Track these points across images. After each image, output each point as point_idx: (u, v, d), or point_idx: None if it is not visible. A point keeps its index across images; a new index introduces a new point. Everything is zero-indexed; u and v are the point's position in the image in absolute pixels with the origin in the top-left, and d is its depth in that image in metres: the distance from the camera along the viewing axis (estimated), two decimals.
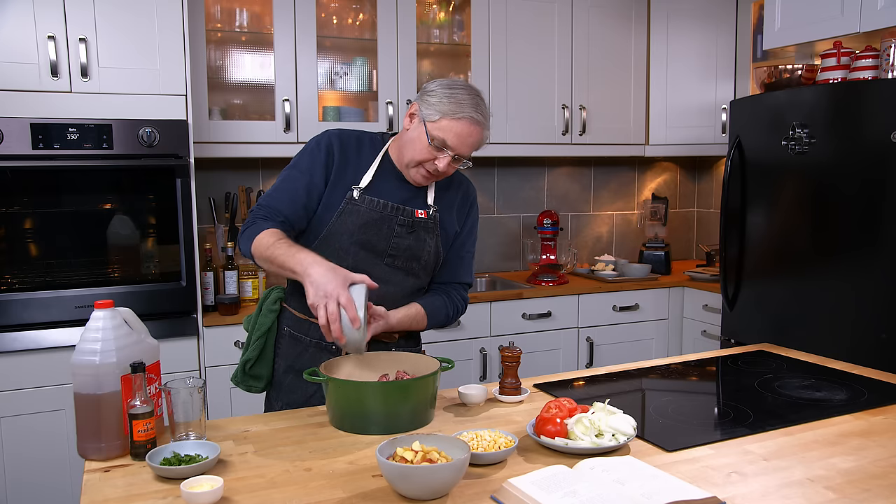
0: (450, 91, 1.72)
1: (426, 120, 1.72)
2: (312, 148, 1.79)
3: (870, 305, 2.50)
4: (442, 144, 1.72)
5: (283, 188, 1.76)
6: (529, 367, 3.14)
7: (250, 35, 3.15)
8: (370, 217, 1.77)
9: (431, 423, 1.61)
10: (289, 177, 1.78)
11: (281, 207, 1.74)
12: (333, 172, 1.77)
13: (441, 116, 1.70)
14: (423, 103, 1.73)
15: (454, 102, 1.71)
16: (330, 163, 1.77)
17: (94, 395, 1.42)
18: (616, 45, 3.68)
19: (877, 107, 2.46)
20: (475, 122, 1.74)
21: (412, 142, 1.74)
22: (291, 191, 1.75)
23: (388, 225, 1.79)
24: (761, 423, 1.59)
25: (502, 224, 3.92)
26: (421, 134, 1.72)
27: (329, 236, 1.77)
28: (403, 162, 1.78)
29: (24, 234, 2.53)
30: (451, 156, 1.73)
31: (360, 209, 1.76)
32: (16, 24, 2.45)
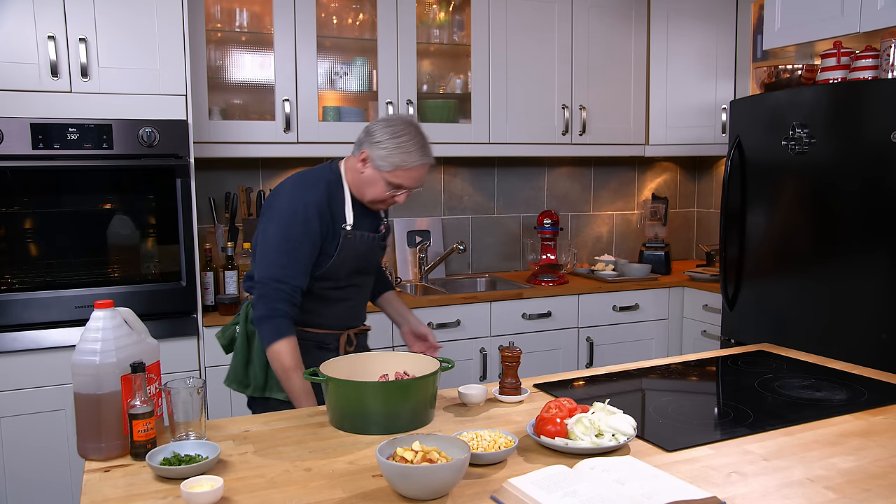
0: (397, 142, 1.87)
1: (380, 170, 1.89)
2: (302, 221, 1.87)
3: (870, 305, 2.50)
4: (398, 187, 1.92)
5: (292, 263, 1.86)
6: (529, 367, 3.14)
7: (250, 35, 3.15)
8: (362, 249, 2.00)
9: (431, 423, 1.61)
10: (293, 250, 1.87)
11: (298, 283, 1.87)
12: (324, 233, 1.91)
13: (394, 168, 1.88)
14: (374, 154, 1.88)
15: (403, 152, 1.87)
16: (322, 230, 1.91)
17: (94, 395, 1.42)
18: (616, 45, 3.68)
19: (877, 107, 2.46)
20: (424, 163, 1.92)
21: (371, 184, 1.92)
22: (303, 264, 1.88)
23: (373, 250, 2.05)
24: (761, 423, 1.59)
25: (502, 224, 3.92)
26: (378, 180, 1.91)
27: (329, 271, 1.95)
28: (365, 199, 1.96)
29: (24, 234, 2.53)
30: (408, 191, 1.95)
31: (354, 244, 1.97)
32: (16, 24, 2.45)
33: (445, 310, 3.15)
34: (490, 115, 3.44)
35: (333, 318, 2.03)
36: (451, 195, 3.79)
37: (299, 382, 1.82)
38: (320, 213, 1.89)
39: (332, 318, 2.02)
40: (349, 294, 2.05)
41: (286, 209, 1.88)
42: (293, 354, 1.83)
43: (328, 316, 2.02)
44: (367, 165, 1.90)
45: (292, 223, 1.87)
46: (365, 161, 1.90)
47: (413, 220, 3.70)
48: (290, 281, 1.85)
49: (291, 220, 1.87)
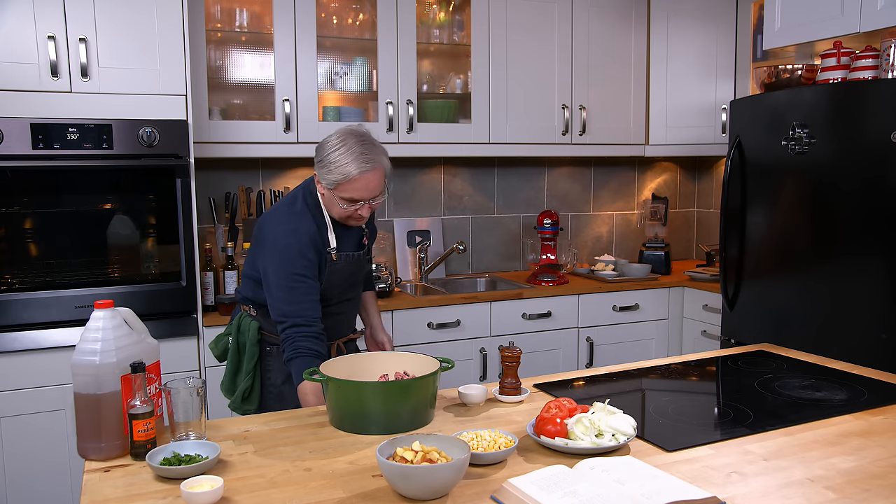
0: (334, 156, 1.86)
1: (329, 189, 1.89)
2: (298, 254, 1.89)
3: (870, 305, 2.50)
4: (352, 201, 1.89)
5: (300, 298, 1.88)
6: (529, 367, 3.14)
7: (250, 35, 3.15)
8: (348, 269, 2.03)
9: (431, 423, 1.61)
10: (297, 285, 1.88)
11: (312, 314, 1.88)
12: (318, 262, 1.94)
13: (337, 185, 1.87)
14: (320, 174, 1.90)
15: (339, 166, 1.85)
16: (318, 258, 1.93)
17: (94, 395, 1.42)
18: (616, 45, 3.68)
19: (877, 107, 2.46)
20: (365, 171, 1.86)
21: (331, 204, 1.94)
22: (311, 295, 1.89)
23: (358, 267, 2.08)
24: (761, 423, 1.60)
25: (502, 224, 3.92)
26: (332, 199, 1.91)
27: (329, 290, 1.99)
28: (336, 218, 1.97)
29: (24, 234, 2.53)
30: (367, 203, 1.91)
31: (340, 266, 2.00)
32: (16, 24, 2.44)
33: (445, 310, 3.15)
34: (490, 115, 3.44)
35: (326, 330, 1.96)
36: (451, 195, 3.79)
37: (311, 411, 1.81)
38: (313, 242, 1.91)
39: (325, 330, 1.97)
40: (342, 308, 2.11)
41: (280, 244, 1.89)
42: (318, 396, 1.81)
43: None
44: (321, 187, 1.92)
45: (291, 259, 1.87)
46: (319, 183, 1.93)
47: (413, 220, 3.70)
48: (303, 315, 1.86)
49: (289, 256, 1.88)
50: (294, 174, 3.44)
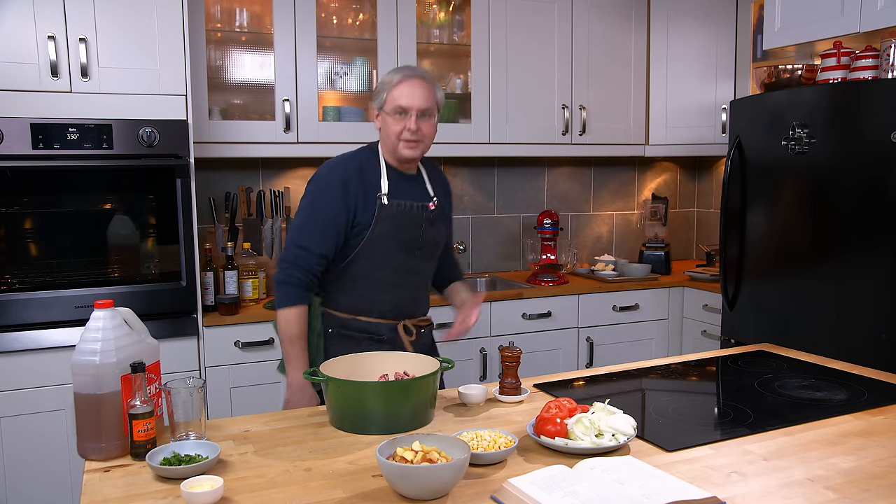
0: (382, 79, 2.00)
1: (381, 107, 1.98)
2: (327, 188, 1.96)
3: (870, 305, 2.50)
4: (400, 110, 1.94)
5: (313, 228, 1.94)
6: (529, 367, 3.13)
7: (250, 35, 3.15)
8: (402, 218, 1.99)
9: (431, 423, 1.61)
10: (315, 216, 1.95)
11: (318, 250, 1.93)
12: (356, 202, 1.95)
13: (386, 94, 1.96)
14: (376, 102, 2.02)
15: (387, 80, 1.97)
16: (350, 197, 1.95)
17: (94, 395, 1.42)
18: (616, 45, 3.68)
19: (877, 107, 2.46)
20: (410, 76, 1.96)
21: (386, 127, 1.98)
22: (324, 230, 1.94)
23: (416, 222, 2.01)
24: (761, 423, 1.59)
25: (502, 224, 3.92)
26: (385, 118, 1.97)
27: (369, 244, 1.96)
28: (390, 149, 2.00)
29: (24, 234, 2.53)
30: (415, 114, 1.94)
31: (392, 213, 1.97)
32: (16, 24, 2.44)
33: (446, 310, 3.14)
34: (490, 115, 3.44)
35: (385, 305, 2.01)
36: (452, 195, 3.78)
37: (296, 351, 1.92)
38: (345, 181, 1.94)
39: (384, 305, 2.01)
40: (399, 279, 2.02)
41: (315, 182, 1.98)
42: (300, 324, 1.91)
43: (379, 303, 2.01)
44: (378, 116, 2.01)
45: (318, 193, 1.96)
46: (377, 116, 2.02)
47: None
48: (309, 246, 1.92)
49: (317, 191, 1.96)
50: (294, 174, 3.44)
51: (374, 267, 1.98)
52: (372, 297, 2.01)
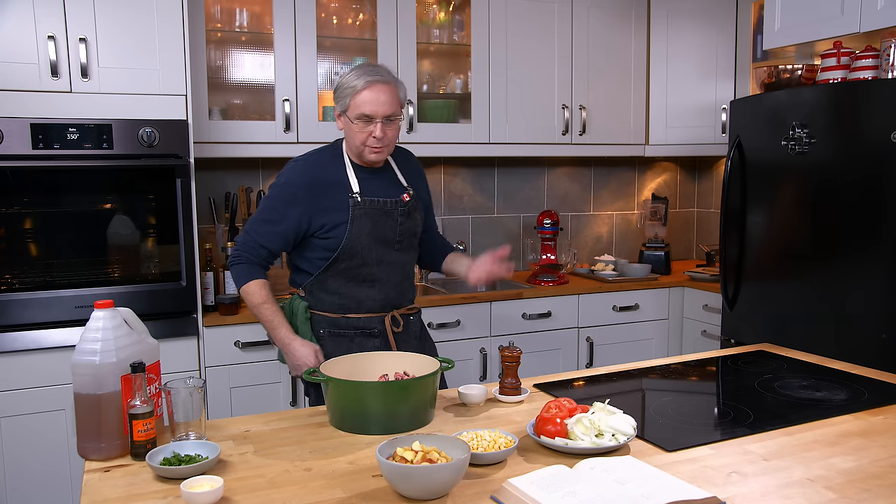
0: (344, 80, 1.97)
1: (345, 112, 1.97)
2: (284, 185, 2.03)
3: (870, 305, 2.50)
4: (364, 118, 1.94)
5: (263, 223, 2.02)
6: (529, 367, 3.13)
7: (250, 35, 3.15)
8: (377, 215, 2.02)
9: (431, 423, 1.61)
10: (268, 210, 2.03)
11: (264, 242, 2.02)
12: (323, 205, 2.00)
13: (350, 100, 1.94)
14: (337, 104, 2.00)
15: (349, 84, 1.94)
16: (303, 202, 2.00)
17: (94, 395, 1.42)
18: (616, 45, 3.68)
19: (877, 107, 2.46)
20: (374, 82, 1.93)
21: (349, 132, 2.00)
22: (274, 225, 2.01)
23: (391, 217, 2.05)
24: (761, 423, 1.60)
25: (502, 224, 3.92)
26: (349, 123, 1.97)
27: (349, 244, 2.00)
28: (355, 153, 2.03)
29: (24, 234, 2.53)
30: (381, 121, 1.94)
31: (366, 210, 2.01)
32: (16, 24, 2.44)
33: (445, 310, 3.15)
34: (490, 115, 3.44)
35: (372, 300, 2.05)
36: (451, 195, 3.79)
37: (269, 313, 2.00)
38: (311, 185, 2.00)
39: (371, 300, 2.05)
40: (382, 273, 2.06)
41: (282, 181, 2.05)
42: (261, 292, 1.99)
43: (366, 299, 2.05)
44: (340, 118, 2.01)
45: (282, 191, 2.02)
46: (337, 118, 2.02)
47: None
48: (260, 240, 2.00)
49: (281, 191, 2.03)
50: None
51: (356, 266, 2.02)
52: (359, 295, 2.05)
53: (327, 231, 1.99)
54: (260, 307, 2.00)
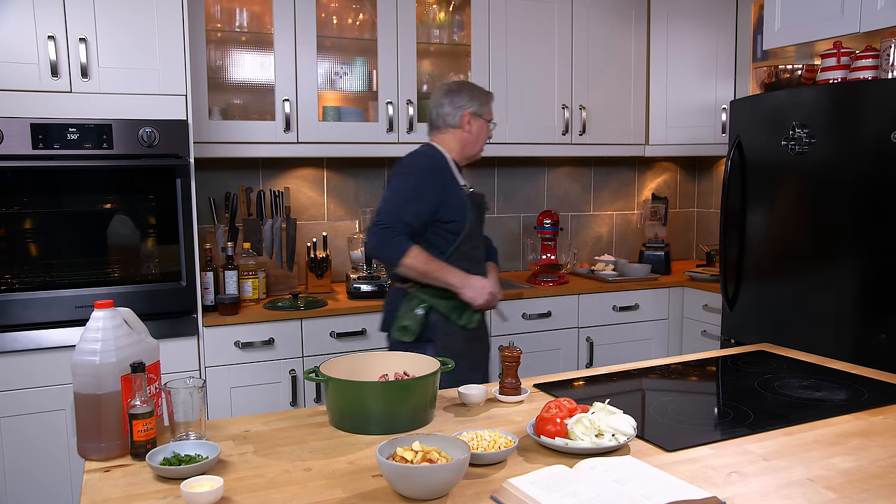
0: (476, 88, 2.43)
1: (483, 115, 2.40)
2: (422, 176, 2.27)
3: (870, 305, 2.50)
4: (492, 123, 2.47)
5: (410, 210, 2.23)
6: (529, 367, 3.14)
7: (250, 35, 3.15)
8: (474, 205, 2.36)
9: (431, 423, 1.61)
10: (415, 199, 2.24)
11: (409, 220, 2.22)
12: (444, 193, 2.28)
13: (487, 106, 2.42)
14: (474, 109, 2.38)
15: (486, 96, 2.44)
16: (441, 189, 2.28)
17: (94, 395, 1.42)
18: (616, 45, 3.68)
19: (877, 107, 2.46)
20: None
21: (479, 132, 2.41)
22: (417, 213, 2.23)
23: (480, 208, 2.43)
24: (761, 423, 1.60)
25: (502, 224, 3.92)
26: (482, 126, 2.41)
27: (468, 230, 2.32)
28: (473, 152, 2.43)
29: (24, 234, 2.53)
30: None
31: (474, 202, 2.36)
32: (16, 24, 2.45)
33: None
34: None
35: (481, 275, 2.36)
36: None
37: (438, 266, 2.23)
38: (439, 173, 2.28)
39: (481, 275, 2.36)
40: (481, 255, 2.42)
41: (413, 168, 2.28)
42: (423, 253, 2.21)
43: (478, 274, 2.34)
44: (471, 122, 2.37)
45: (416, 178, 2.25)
46: (469, 121, 2.37)
47: None
48: (401, 216, 2.20)
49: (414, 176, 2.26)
50: (294, 174, 3.45)
51: (470, 248, 2.35)
52: (473, 271, 2.32)
53: (451, 217, 2.27)
54: (429, 263, 2.22)
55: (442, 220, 2.27)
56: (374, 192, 3.62)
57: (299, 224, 3.46)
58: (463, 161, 2.41)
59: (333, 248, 3.51)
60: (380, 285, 3.11)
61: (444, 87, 2.41)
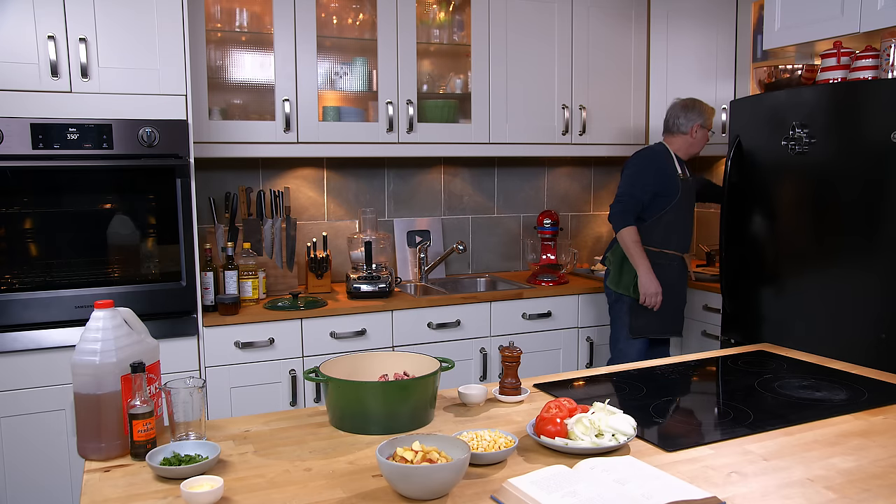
0: (703, 104, 3.22)
1: (705, 126, 3.18)
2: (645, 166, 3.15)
3: (870, 305, 2.50)
4: (710, 129, 3.25)
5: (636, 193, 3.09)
6: (529, 367, 3.14)
7: (250, 35, 3.15)
8: (688, 190, 3.18)
9: (431, 423, 1.61)
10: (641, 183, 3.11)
11: (639, 197, 3.10)
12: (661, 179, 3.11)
13: (708, 119, 3.20)
14: (702, 121, 3.17)
15: (709, 110, 3.22)
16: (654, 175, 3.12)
17: (94, 395, 1.42)
18: (616, 45, 3.68)
19: (877, 107, 2.46)
20: None
21: (702, 137, 3.20)
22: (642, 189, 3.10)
23: (693, 192, 3.24)
24: (761, 423, 1.60)
25: (502, 224, 3.92)
26: (704, 133, 3.20)
27: (676, 204, 3.11)
28: (694, 149, 3.22)
29: (24, 234, 2.53)
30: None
31: (686, 186, 3.16)
32: (16, 24, 2.45)
33: (445, 310, 3.15)
34: (490, 115, 3.44)
35: (680, 241, 3.17)
36: (451, 195, 3.79)
37: (639, 249, 3.04)
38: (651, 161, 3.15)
39: (680, 241, 3.17)
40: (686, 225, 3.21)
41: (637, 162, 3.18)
42: (636, 234, 3.05)
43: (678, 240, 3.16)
44: (698, 131, 3.16)
45: (639, 168, 3.15)
46: (696, 130, 3.16)
47: (413, 220, 3.70)
48: (636, 195, 3.07)
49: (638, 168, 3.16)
50: (294, 174, 3.45)
51: (674, 219, 3.12)
52: (673, 237, 3.14)
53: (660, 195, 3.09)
54: (635, 244, 3.03)
55: (659, 195, 3.08)
56: (374, 192, 3.62)
57: (299, 224, 3.46)
58: (686, 156, 3.22)
59: (333, 248, 3.51)
60: (380, 285, 3.12)
61: (681, 102, 3.20)
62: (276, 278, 3.30)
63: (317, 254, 3.32)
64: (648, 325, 3.14)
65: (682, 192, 3.12)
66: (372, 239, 3.25)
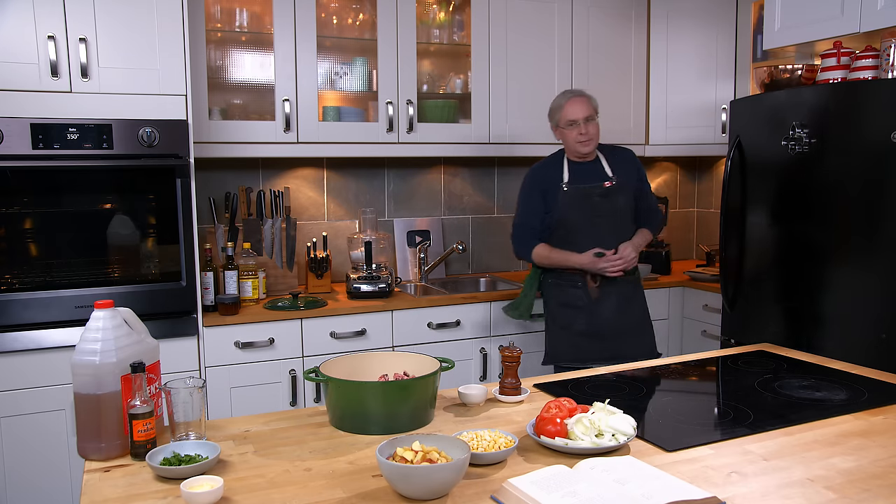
0: (553, 104, 2.86)
1: (560, 126, 2.81)
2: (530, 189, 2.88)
3: (870, 305, 2.50)
4: (572, 123, 2.76)
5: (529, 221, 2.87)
6: (529, 368, 3.14)
7: (250, 35, 3.15)
8: (574, 199, 2.79)
9: (431, 423, 1.61)
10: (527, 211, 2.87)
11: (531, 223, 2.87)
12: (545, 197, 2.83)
13: (558, 117, 2.81)
14: (551, 120, 2.86)
15: (557, 104, 2.82)
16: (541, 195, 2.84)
17: (94, 395, 1.42)
18: (616, 45, 3.68)
19: (877, 107, 2.46)
20: (570, 95, 2.80)
21: (564, 136, 2.81)
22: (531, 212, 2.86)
23: (588, 198, 2.79)
24: (761, 423, 1.60)
25: (502, 224, 3.91)
26: (563, 132, 2.80)
27: (561, 219, 2.79)
28: (571, 150, 2.82)
29: (24, 234, 2.53)
30: (580, 121, 2.74)
31: (570, 196, 2.79)
32: (16, 24, 2.44)
33: (445, 310, 3.15)
34: (490, 115, 3.44)
35: None
36: (451, 195, 3.79)
37: (558, 253, 2.79)
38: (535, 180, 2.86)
39: None
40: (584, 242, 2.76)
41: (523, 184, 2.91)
42: (544, 249, 2.81)
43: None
44: (561, 133, 2.82)
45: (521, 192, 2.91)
46: (559, 133, 2.84)
47: (413, 220, 3.70)
48: (531, 224, 2.85)
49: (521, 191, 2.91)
50: (294, 174, 3.45)
51: (567, 234, 2.79)
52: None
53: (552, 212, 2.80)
54: (551, 253, 2.80)
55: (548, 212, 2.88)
56: (373, 192, 3.62)
57: (299, 224, 3.46)
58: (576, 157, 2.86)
59: (333, 248, 3.51)
60: (380, 285, 3.12)
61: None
62: (276, 278, 3.30)
63: (317, 254, 3.32)
64: (564, 353, 2.85)
65: (568, 202, 2.78)
66: (372, 239, 3.25)
